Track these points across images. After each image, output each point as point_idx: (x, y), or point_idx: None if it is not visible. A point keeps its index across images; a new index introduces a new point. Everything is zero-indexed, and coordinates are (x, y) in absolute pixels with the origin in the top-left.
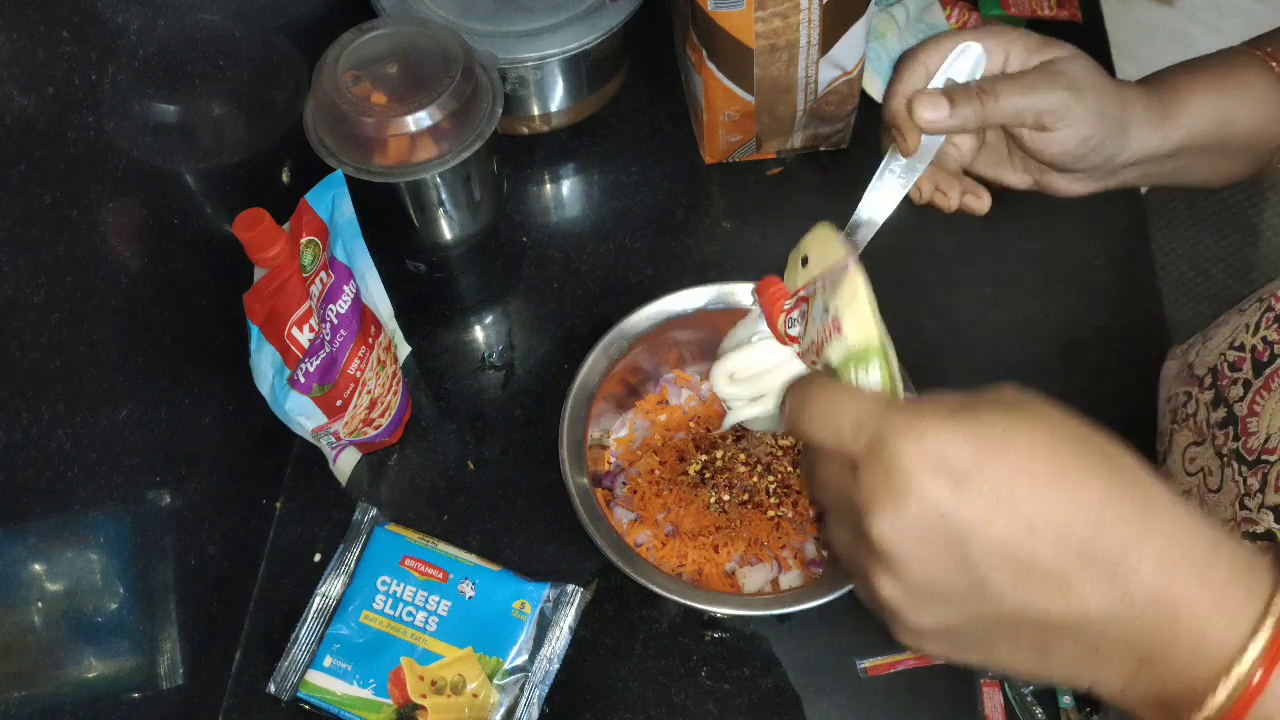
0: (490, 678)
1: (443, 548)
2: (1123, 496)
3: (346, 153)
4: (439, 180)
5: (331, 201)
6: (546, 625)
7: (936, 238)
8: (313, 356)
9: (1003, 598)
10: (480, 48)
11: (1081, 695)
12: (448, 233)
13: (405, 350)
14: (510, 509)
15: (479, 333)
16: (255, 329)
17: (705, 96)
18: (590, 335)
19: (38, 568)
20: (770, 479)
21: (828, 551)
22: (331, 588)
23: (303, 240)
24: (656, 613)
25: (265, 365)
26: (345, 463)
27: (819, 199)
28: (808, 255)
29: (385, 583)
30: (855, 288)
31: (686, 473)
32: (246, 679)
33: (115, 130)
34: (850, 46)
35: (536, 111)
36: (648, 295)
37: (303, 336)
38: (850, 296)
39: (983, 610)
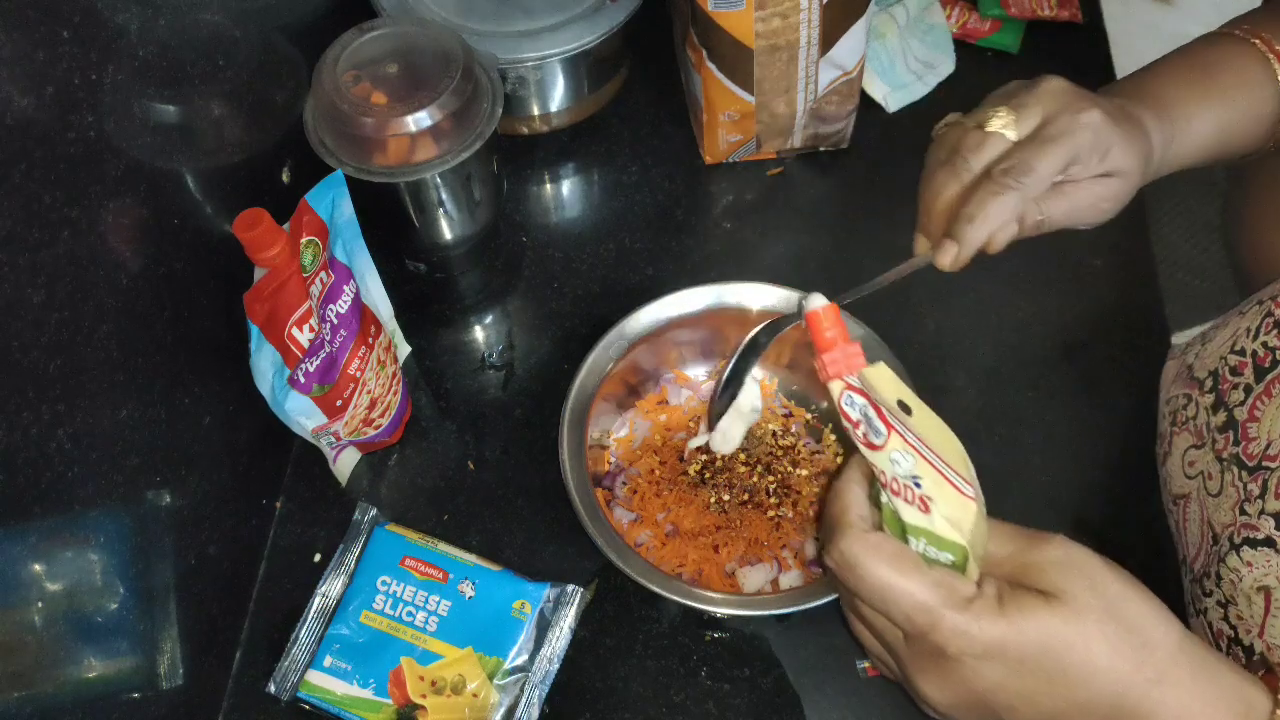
0: (490, 678)
1: (443, 548)
2: (1137, 691)
3: (346, 153)
4: (439, 180)
5: (331, 201)
6: (546, 625)
7: None
8: (313, 356)
9: None
10: (480, 48)
11: None
12: (448, 233)
13: (405, 350)
14: (510, 509)
15: (479, 333)
16: (255, 329)
17: (705, 96)
18: (590, 335)
19: (38, 568)
20: (770, 479)
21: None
22: (331, 588)
23: (303, 240)
24: (656, 613)
25: (265, 365)
26: (345, 463)
27: (819, 199)
28: (905, 402)
29: (385, 583)
30: (969, 511)
31: (686, 473)
32: (246, 679)
33: (115, 130)
34: (850, 46)
35: (536, 111)
36: (648, 295)
37: (303, 336)
38: (961, 510)
39: None
